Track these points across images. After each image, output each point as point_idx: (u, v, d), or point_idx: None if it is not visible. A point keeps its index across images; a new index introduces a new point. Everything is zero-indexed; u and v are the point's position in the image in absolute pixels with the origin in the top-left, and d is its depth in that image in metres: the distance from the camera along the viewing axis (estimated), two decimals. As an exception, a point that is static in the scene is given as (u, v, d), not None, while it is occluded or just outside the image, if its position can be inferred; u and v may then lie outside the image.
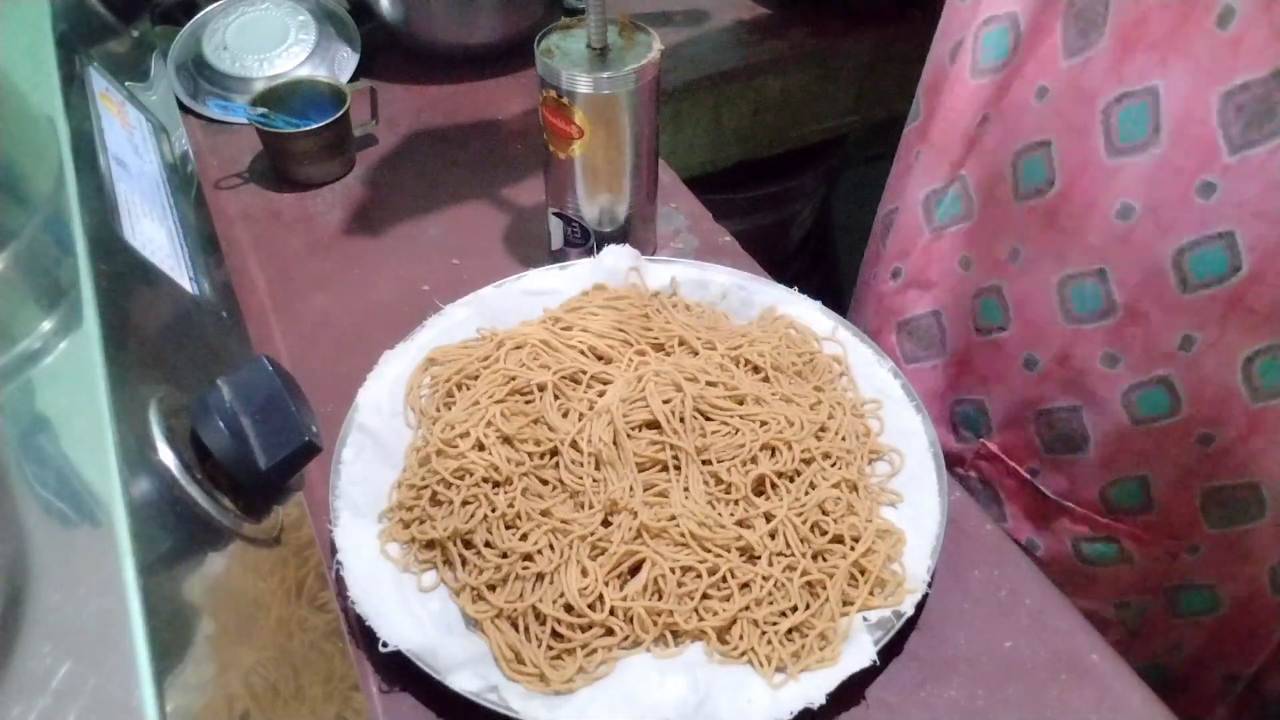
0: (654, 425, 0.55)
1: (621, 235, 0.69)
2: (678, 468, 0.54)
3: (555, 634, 0.49)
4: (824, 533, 0.52)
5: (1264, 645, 0.68)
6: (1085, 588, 0.67)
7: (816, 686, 0.46)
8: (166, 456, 0.37)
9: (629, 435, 0.55)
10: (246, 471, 0.40)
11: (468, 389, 0.59)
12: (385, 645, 0.47)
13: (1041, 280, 0.62)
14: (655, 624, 0.49)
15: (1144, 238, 0.56)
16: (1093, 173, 0.57)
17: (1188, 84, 0.52)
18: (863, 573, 0.51)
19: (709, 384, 0.58)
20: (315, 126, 0.78)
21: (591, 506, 0.52)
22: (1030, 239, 0.62)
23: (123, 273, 0.47)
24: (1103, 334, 0.60)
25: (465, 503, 0.53)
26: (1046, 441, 0.66)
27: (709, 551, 0.51)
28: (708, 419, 0.56)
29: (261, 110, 0.79)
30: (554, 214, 0.69)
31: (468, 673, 0.47)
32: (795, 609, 0.49)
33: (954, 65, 0.66)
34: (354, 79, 0.91)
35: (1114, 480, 0.63)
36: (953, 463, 0.71)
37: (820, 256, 1.40)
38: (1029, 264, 0.63)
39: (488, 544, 0.51)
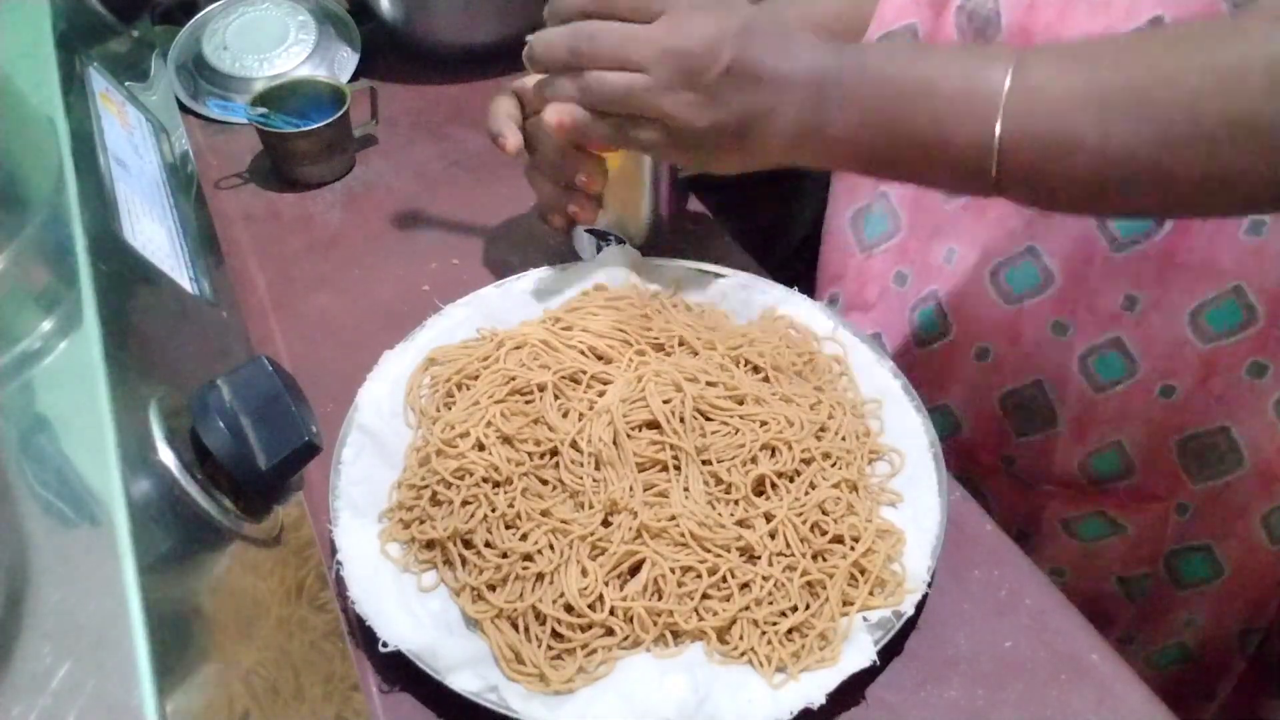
0: (654, 425, 0.55)
1: (654, 241, 0.69)
2: (678, 468, 0.54)
3: (555, 634, 0.49)
4: (824, 533, 0.52)
5: (1274, 596, 0.68)
6: (1084, 566, 0.68)
7: (816, 686, 0.46)
8: (166, 456, 0.37)
9: (629, 435, 0.55)
10: (246, 471, 0.40)
11: (468, 389, 0.59)
12: (385, 645, 0.47)
13: (976, 275, 0.64)
14: (655, 624, 0.49)
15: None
16: None
17: None
18: (863, 573, 0.51)
19: (709, 384, 0.58)
20: (315, 126, 0.78)
21: (591, 506, 0.52)
22: (960, 235, 0.64)
23: (123, 273, 0.47)
24: (1048, 304, 0.61)
25: (465, 503, 0.53)
26: (1017, 426, 0.67)
27: (709, 551, 0.51)
28: (708, 419, 0.56)
29: (261, 110, 0.79)
30: (586, 232, 0.68)
31: (468, 673, 0.47)
32: (795, 609, 0.49)
33: None
34: (354, 79, 0.91)
35: (1090, 452, 0.64)
36: None
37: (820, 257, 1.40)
38: (959, 261, 0.64)
39: (488, 544, 0.51)
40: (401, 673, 0.48)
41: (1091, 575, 0.68)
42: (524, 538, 0.51)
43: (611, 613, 0.49)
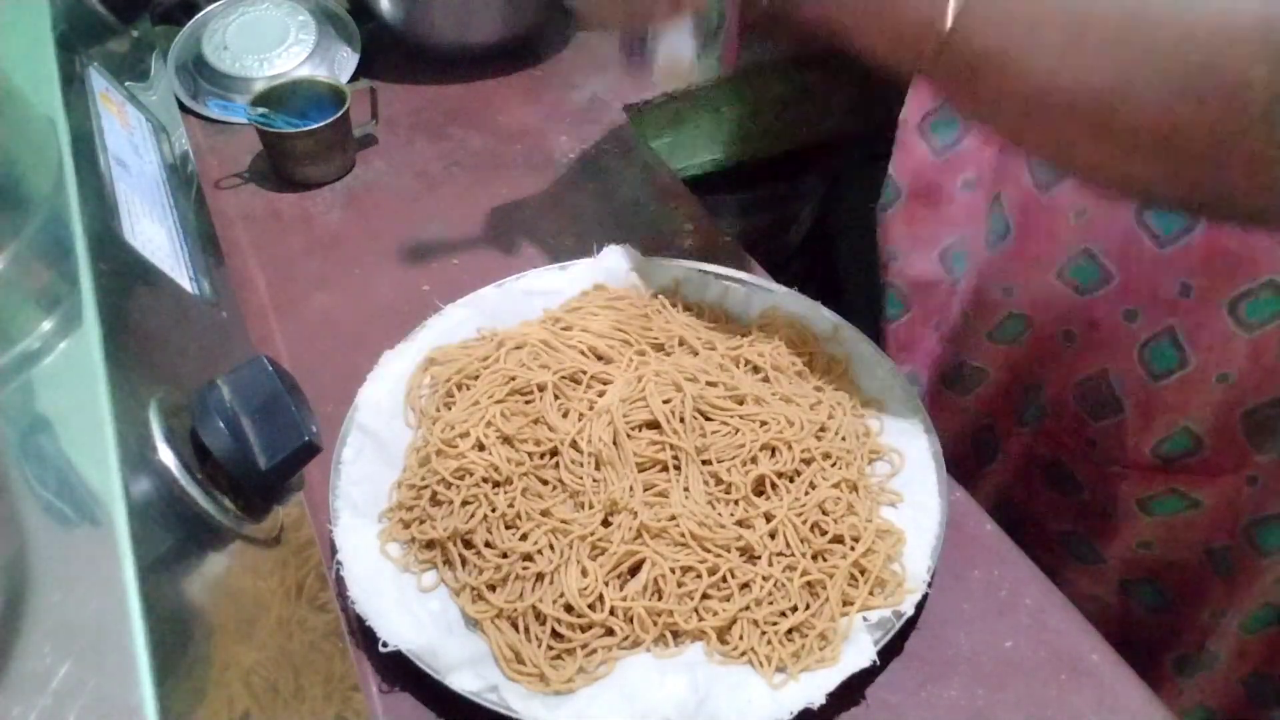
0: (654, 425, 0.55)
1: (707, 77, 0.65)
2: (678, 468, 0.54)
3: (555, 634, 0.49)
4: (824, 533, 0.52)
5: None
6: (1169, 540, 0.68)
7: (816, 686, 0.46)
8: (166, 456, 0.37)
9: (629, 435, 0.55)
10: (246, 471, 0.40)
11: (468, 389, 0.59)
12: (385, 645, 0.47)
13: (1040, 275, 0.64)
14: (655, 624, 0.49)
15: (1106, 207, 0.58)
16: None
17: None
18: (863, 573, 0.51)
19: (709, 384, 0.58)
20: (315, 126, 0.78)
21: (591, 506, 0.52)
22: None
23: (123, 273, 0.47)
24: (1114, 294, 0.61)
25: (465, 503, 0.53)
26: (1092, 410, 0.67)
27: (709, 551, 0.51)
28: (708, 419, 0.56)
29: (261, 110, 0.79)
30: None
31: (468, 673, 0.47)
32: (795, 609, 0.49)
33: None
34: (354, 79, 0.91)
35: (1160, 438, 0.65)
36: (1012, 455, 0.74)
37: (820, 256, 1.40)
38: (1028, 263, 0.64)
39: (488, 544, 0.51)
40: (401, 673, 0.48)
41: (1178, 548, 0.68)
42: (524, 538, 0.51)
43: (611, 613, 0.49)
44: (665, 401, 0.56)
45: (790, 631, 0.49)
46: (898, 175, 0.73)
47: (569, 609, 0.49)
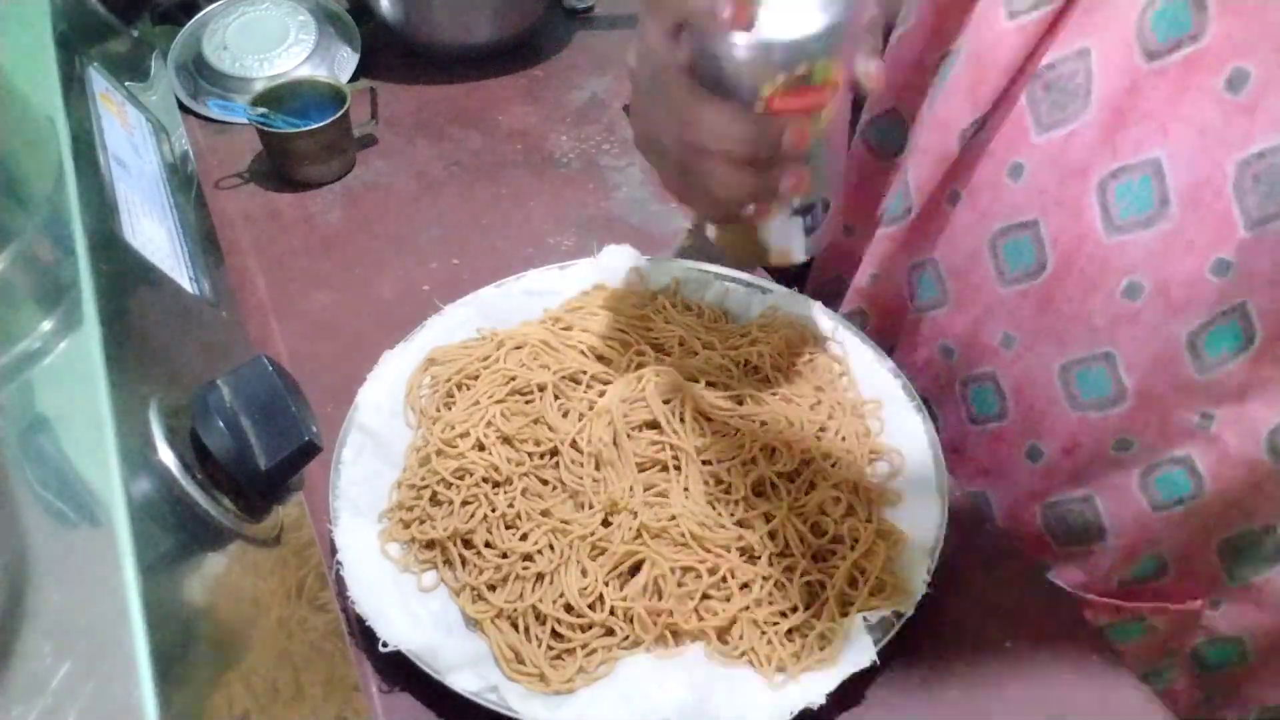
0: (654, 425, 0.55)
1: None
2: (678, 468, 0.54)
3: (555, 634, 0.49)
4: (824, 533, 0.52)
5: None
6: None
7: (817, 687, 0.46)
8: (166, 456, 0.37)
9: (629, 435, 0.55)
10: (246, 471, 0.40)
11: (468, 389, 0.59)
12: (385, 645, 0.47)
13: (1041, 367, 0.57)
14: (655, 624, 0.49)
15: (1154, 318, 0.51)
16: (1091, 251, 0.53)
17: (1196, 153, 0.48)
18: (863, 573, 0.51)
19: (709, 384, 0.58)
20: (315, 126, 0.78)
21: (591, 506, 0.52)
22: (1023, 324, 0.58)
23: (123, 273, 0.47)
24: (1115, 420, 0.55)
25: (465, 503, 0.53)
26: (1058, 535, 0.61)
27: (709, 551, 0.51)
28: (708, 419, 0.56)
29: (261, 110, 0.79)
30: (795, 213, 0.51)
31: (468, 673, 0.47)
32: (795, 609, 0.49)
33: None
34: (354, 79, 0.91)
35: (1134, 564, 0.60)
36: None
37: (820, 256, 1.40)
38: (1024, 350, 0.58)
39: (488, 544, 0.51)
40: (401, 673, 0.48)
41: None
42: (524, 538, 0.51)
43: (611, 613, 0.49)
44: (665, 402, 0.56)
45: (790, 632, 0.49)
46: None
47: (569, 609, 0.49)
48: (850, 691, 0.47)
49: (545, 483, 0.54)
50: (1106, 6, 0.50)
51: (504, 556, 0.51)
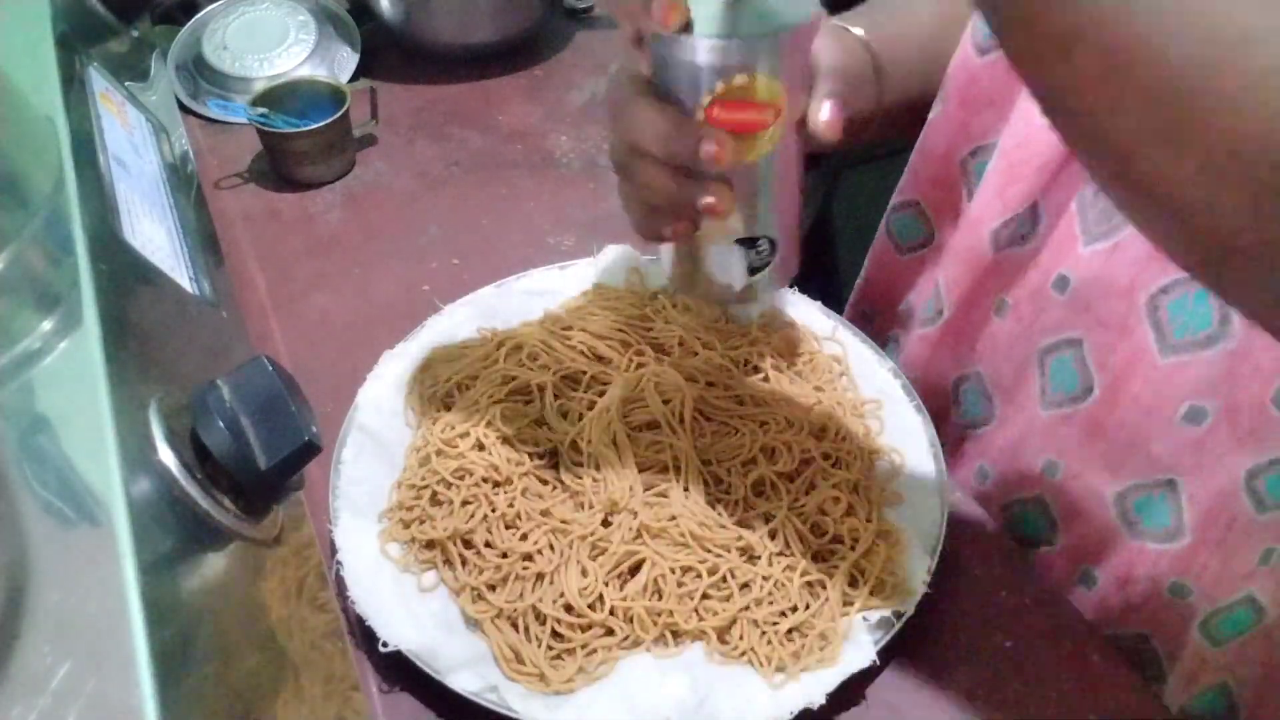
0: (654, 426, 0.55)
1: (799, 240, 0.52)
2: (678, 468, 0.54)
3: (555, 634, 0.49)
4: (824, 533, 0.52)
5: None
6: None
7: (816, 686, 0.46)
8: (166, 456, 0.37)
9: (629, 436, 0.55)
10: (246, 471, 0.40)
11: (468, 389, 0.59)
12: (385, 645, 0.47)
13: (1095, 492, 0.53)
14: (655, 624, 0.49)
15: (1219, 447, 0.48)
16: (1146, 373, 0.49)
17: None
18: (863, 573, 0.51)
19: (709, 384, 0.58)
20: (315, 126, 0.78)
21: (591, 506, 0.52)
22: (1069, 450, 0.54)
23: (123, 273, 0.47)
24: (1170, 559, 0.50)
25: (465, 503, 0.53)
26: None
27: (709, 551, 0.51)
28: (708, 419, 0.56)
29: (261, 110, 0.79)
30: (737, 243, 0.48)
31: (468, 673, 0.47)
32: (795, 609, 0.49)
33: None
34: (354, 79, 0.91)
35: (1194, 695, 0.53)
36: None
37: (820, 256, 1.40)
38: (1071, 478, 0.54)
39: (488, 544, 0.51)
40: (401, 673, 0.48)
41: None
42: (524, 538, 0.51)
43: (611, 613, 0.49)
44: (665, 402, 0.56)
45: (790, 631, 0.49)
46: None
47: (569, 609, 0.49)
48: (850, 691, 0.47)
49: (545, 483, 0.54)
50: None
51: (504, 556, 0.51)
